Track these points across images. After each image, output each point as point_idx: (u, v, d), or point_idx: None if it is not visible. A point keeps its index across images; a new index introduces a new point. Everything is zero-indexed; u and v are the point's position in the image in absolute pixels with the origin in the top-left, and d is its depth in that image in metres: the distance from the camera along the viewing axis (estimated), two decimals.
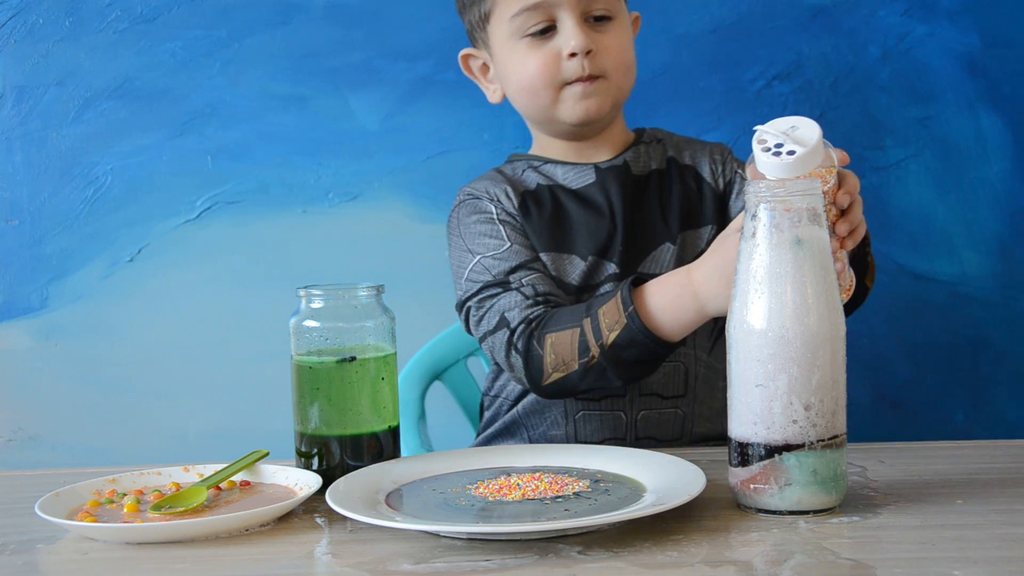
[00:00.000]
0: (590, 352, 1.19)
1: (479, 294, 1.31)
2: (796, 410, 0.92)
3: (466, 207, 1.39)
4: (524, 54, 1.35)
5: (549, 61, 1.33)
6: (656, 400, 1.34)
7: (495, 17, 1.36)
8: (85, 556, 0.91)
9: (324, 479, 1.02)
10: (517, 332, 1.25)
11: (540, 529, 0.88)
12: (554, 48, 1.33)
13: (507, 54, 1.37)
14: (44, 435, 1.77)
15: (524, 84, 1.36)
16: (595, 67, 1.33)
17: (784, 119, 0.99)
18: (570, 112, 1.35)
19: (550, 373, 1.23)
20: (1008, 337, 1.78)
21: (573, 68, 1.33)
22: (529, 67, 1.34)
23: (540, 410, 1.36)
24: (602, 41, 1.34)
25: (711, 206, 1.40)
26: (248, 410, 1.76)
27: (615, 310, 1.17)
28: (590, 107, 1.35)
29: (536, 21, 1.33)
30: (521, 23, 1.33)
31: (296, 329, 1.08)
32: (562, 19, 1.33)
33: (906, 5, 1.75)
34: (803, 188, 0.93)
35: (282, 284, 1.69)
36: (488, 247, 1.33)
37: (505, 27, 1.35)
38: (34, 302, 1.76)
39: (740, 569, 0.81)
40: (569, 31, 1.32)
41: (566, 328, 1.21)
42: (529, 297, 1.28)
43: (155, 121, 1.75)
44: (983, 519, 0.92)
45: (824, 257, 0.93)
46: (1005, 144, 1.77)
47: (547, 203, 1.38)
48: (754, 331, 0.92)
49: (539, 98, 1.36)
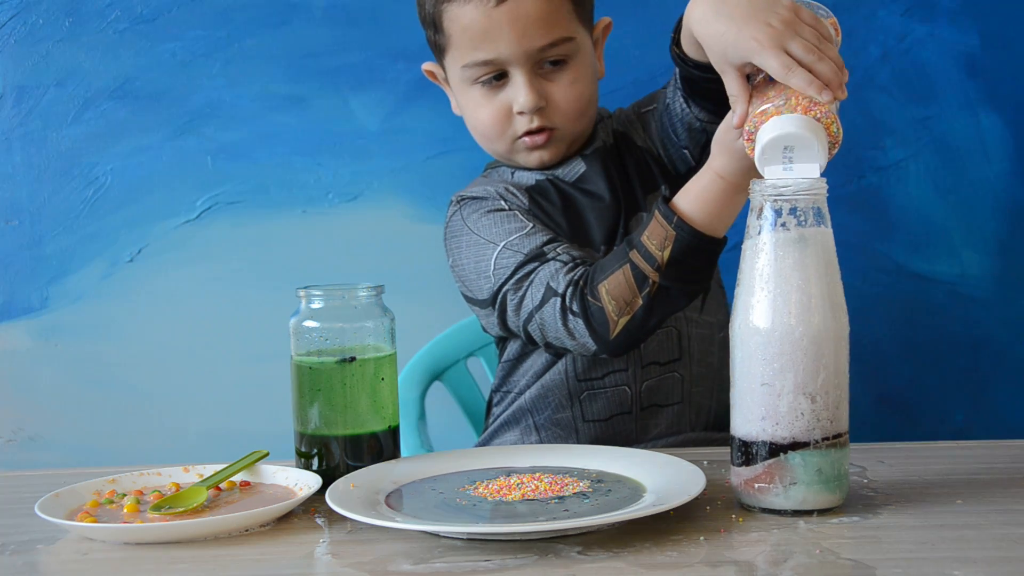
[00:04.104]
0: (648, 280, 1.17)
1: (513, 276, 1.28)
2: (802, 408, 0.92)
3: (470, 207, 1.37)
4: (478, 101, 1.35)
5: (501, 115, 1.34)
6: (655, 368, 1.35)
7: (449, 56, 1.36)
8: (85, 556, 0.91)
9: (324, 479, 1.02)
10: (568, 296, 1.22)
11: (540, 529, 0.88)
12: (505, 100, 1.33)
13: (462, 95, 1.37)
14: (44, 435, 1.77)
15: (479, 130, 1.38)
16: (545, 120, 1.33)
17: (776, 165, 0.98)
18: (525, 159, 1.38)
19: (616, 321, 1.20)
20: (1008, 337, 1.78)
21: (523, 123, 1.34)
22: (481, 116, 1.35)
23: (545, 395, 1.37)
24: (553, 93, 1.33)
25: (655, 167, 1.40)
26: (248, 410, 1.76)
27: (659, 229, 1.16)
28: (544, 157, 1.37)
29: (487, 72, 1.33)
30: (471, 74, 1.33)
31: (296, 329, 1.08)
32: (511, 73, 1.32)
33: (906, 5, 1.75)
34: (807, 187, 0.93)
35: (282, 284, 1.69)
36: (511, 231, 1.31)
37: (456, 70, 1.35)
38: (34, 302, 1.76)
39: (740, 569, 0.81)
40: (518, 88, 1.32)
41: (615, 270, 1.19)
42: (567, 263, 1.25)
43: (155, 121, 1.75)
44: (983, 519, 0.92)
45: (829, 255, 0.93)
46: (1005, 144, 1.77)
47: (554, 196, 1.37)
48: (759, 330, 0.92)
49: (492, 144, 1.38)
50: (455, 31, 1.32)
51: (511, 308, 1.29)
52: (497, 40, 1.29)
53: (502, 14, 1.28)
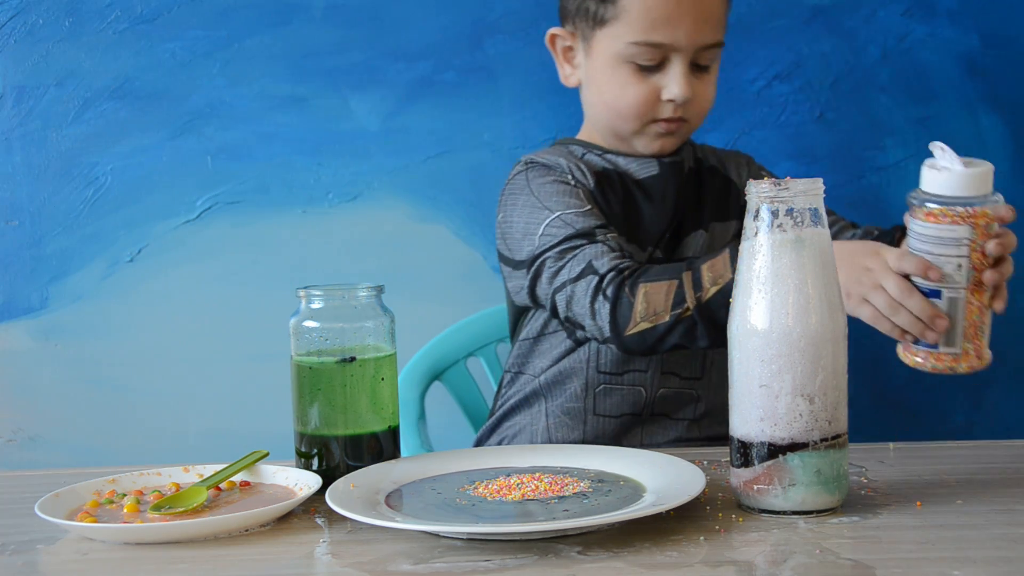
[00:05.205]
0: (684, 304, 1.19)
1: (559, 246, 1.32)
2: (800, 409, 0.92)
3: (537, 170, 1.40)
4: (625, 79, 1.36)
5: (648, 98, 1.36)
6: (675, 379, 1.38)
7: (611, 28, 1.36)
8: (85, 556, 0.91)
9: (324, 479, 1.02)
10: (607, 278, 1.25)
11: (540, 529, 0.88)
12: (655, 85, 1.36)
13: (607, 69, 1.38)
14: (44, 435, 1.77)
15: (615, 106, 1.39)
16: (684, 113, 1.38)
17: None
18: (646, 144, 1.41)
19: (637, 322, 1.22)
20: (1008, 337, 1.77)
21: (666, 110, 1.37)
22: (627, 95, 1.37)
23: (561, 381, 1.39)
24: (698, 90, 1.37)
25: (735, 204, 1.45)
26: (248, 410, 1.76)
27: (721, 266, 1.18)
28: (665, 145, 1.41)
29: (650, 57, 1.35)
30: (635, 53, 1.35)
31: (296, 329, 1.08)
32: (673, 62, 1.35)
33: (906, 5, 1.75)
34: (804, 188, 0.93)
35: (282, 284, 1.69)
36: (568, 205, 1.35)
37: (617, 45, 1.36)
38: (34, 302, 1.76)
39: (740, 569, 0.81)
40: (676, 78, 1.35)
41: (663, 279, 1.22)
42: (615, 250, 1.29)
43: (155, 121, 1.75)
44: (983, 519, 0.92)
45: (826, 256, 0.93)
46: (1005, 144, 1.77)
47: (618, 189, 1.41)
48: (757, 331, 0.93)
49: (625, 123, 1.39)
50: (634, 8, 1.34)
51: (546, 275, 1.32)
52: (677, 28, 1.33)
53: (689, 4, 1.33)
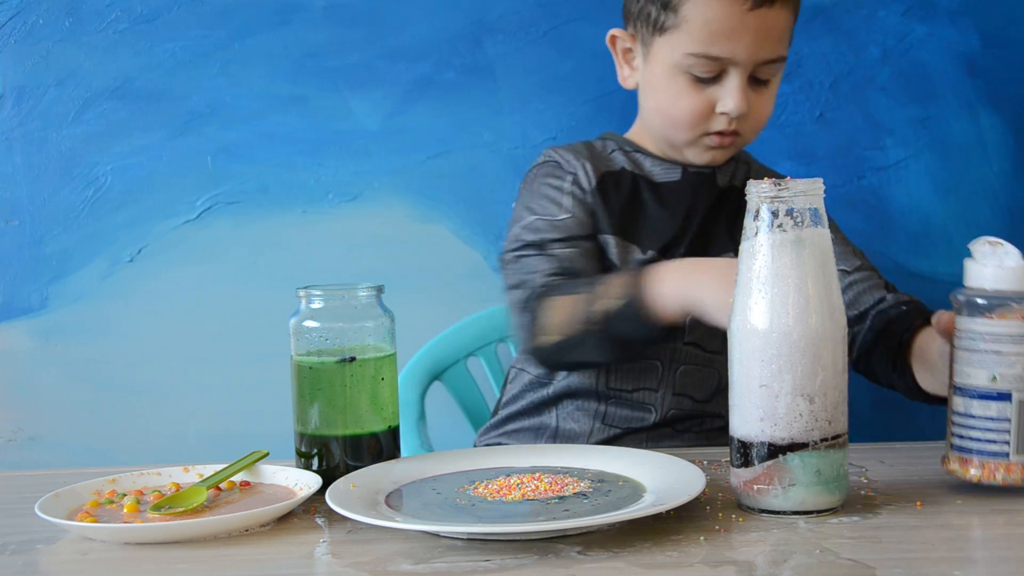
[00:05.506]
0: (588, 319, 1.20)
1: (518, 250, 1.34)
2: (800, 409, 0.92)
3: (544, 168, 1.42)
4: (681, 89, 1.34)
5: (702, 110, 1.34)
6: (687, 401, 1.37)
7: (670, 37, 1.34)
8: (85, 556, 0.91)
9: (324, 479, 1.02)
10: (536, 292, 1.27)
11: (540, 529, 0.88)
12: (711, 98, 1.33)
13: (664, 77, 1.35)
14: (44, 435, 1.77)
15: (669, 115, 1.36)
16: (738, 127, 1.35)
17: None
18: (696, 155, 1.39)
19: (547, 335, 1.24)
20: None
21: (720, 123, 1.34)
22: (682, 105, 1.34)
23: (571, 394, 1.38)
24: (754, 104, 1.35)
25: None
26: (248, 410, 1.76)
27: (626, 283, 1.18)
28: (716, 157, 1.39)
29: (708, 69, 1.32)
30: (692, 64, 1.32)
31: (296, 329, 1.08)
32: (731, 75, 1.32)
33: (906, 5, 1.75)
34: (804, 188, 0.93)
35: (282, 284, 1.69)
36: (546, 211, 1.36)
37: (675, 55, 1.33)
38: (34, 302, 1.76)
39: (740, 569, 0.81)
40: (732, 92, 1.32)
41: (572, 293, 1.23)
42: (556, 266, 1.30)
43: (155, 121, 1.75)
44: (983, 519, 0.92)
45: (826, 256, 0.93)
46: (1005, 144, 1.77)
47: (626, 188, 1.40)
48: (757, 331, 0.92)
49: (677, 132, 1.37)
50: (696, 18, 1.31)
51: (504, 272, 1.36)
52: (737, 42, 1.30)
53: (752, 19, 1.30)
